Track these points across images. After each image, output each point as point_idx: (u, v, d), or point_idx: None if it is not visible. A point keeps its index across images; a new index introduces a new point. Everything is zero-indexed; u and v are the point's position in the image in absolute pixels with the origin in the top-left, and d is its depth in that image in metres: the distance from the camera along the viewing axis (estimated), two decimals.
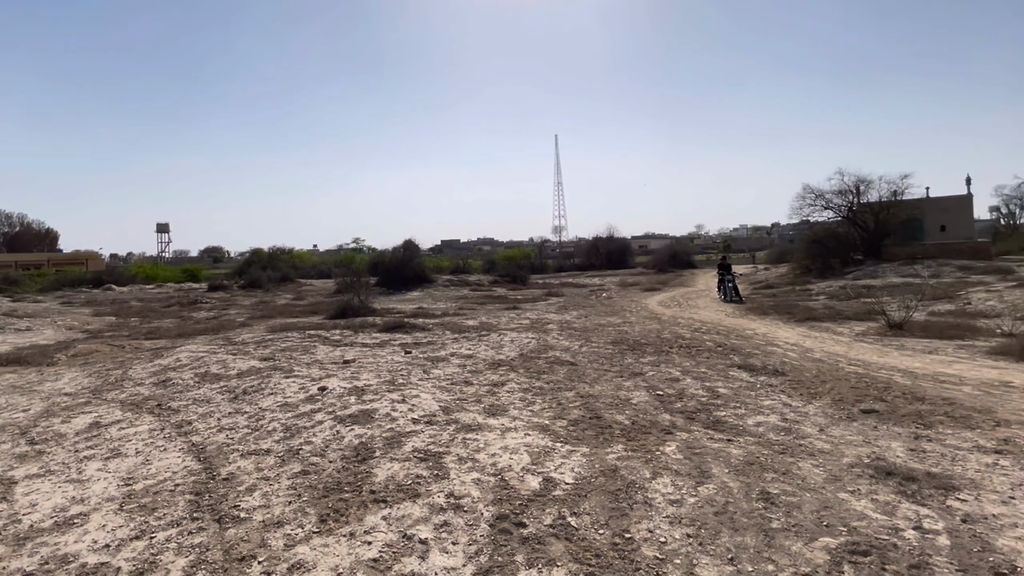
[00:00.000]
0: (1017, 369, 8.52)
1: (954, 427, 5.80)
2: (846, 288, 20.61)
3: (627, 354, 9.94)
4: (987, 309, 14.17)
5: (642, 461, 4.89)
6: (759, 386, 7.60)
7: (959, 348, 10.31)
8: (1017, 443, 5.27)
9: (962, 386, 7.53)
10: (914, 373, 8.31)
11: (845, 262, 28.27)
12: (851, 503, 4.03)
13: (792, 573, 3.17)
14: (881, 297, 16.71)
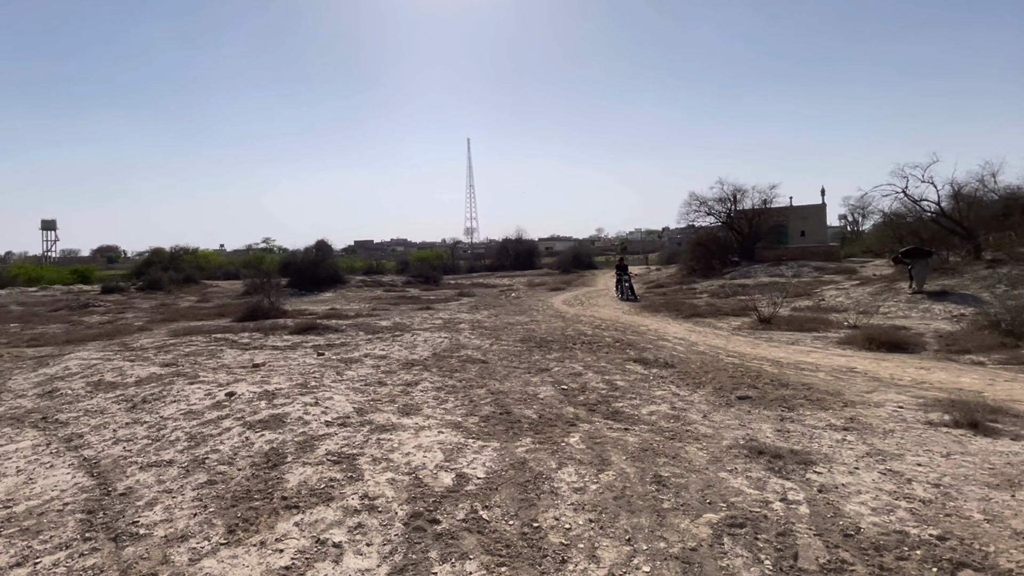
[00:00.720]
0: (860, 356, 9.33)
1: (812, 409, 6.26)
2: (725, 287, 21.62)
3: (534, 351, 10.04)
4: (837, 304, 15.28)
5: (549, 453, 4.96)
6: (652, 378, 7.89)
7: (816, 339, 11.12)
8: (860, 421, 5.79)
9: (818, 372, 8.14)
10: (780, 362, 8.89)
11: (724, 263, 29.54)
12: (730, 481, 4.28)
13: (680, 548, 3.33)
14: (753, 295, 17.75)
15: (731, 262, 29.92)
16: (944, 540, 3.37)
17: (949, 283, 14.75)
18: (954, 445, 4.99)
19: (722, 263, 29.48)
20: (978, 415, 5.52)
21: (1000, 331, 9.85)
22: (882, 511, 3.77)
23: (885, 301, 14.43)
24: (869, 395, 6.78)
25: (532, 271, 44.53)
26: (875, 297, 15.03)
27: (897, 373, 7.95)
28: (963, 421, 5.46)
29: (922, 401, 6.42)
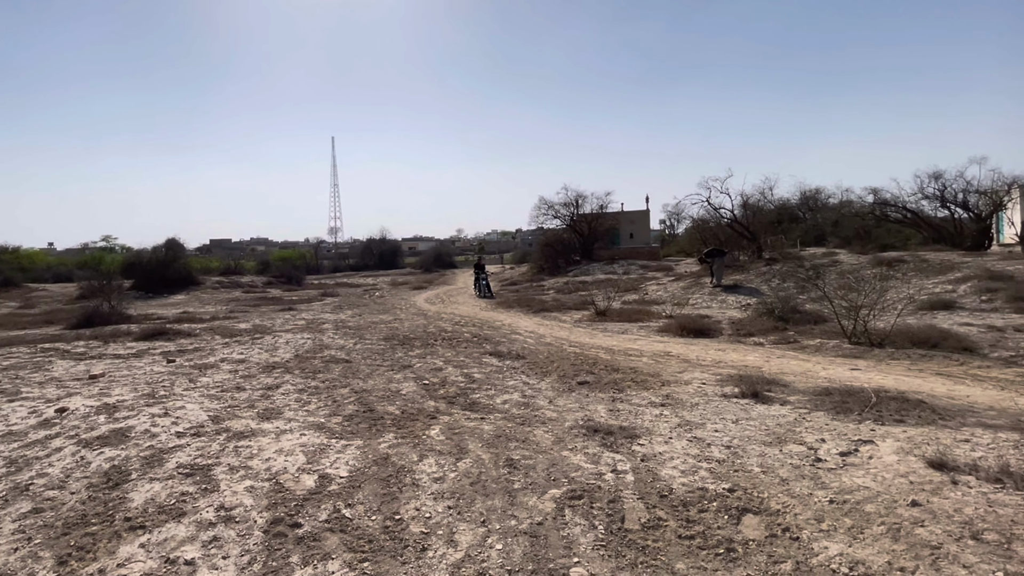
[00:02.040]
0: (674, 342, 10.11)
1: (637, 389, 6.68)
2: (568, 284, 22.52)
3: (397, 349, 9.83)
4: (657, 298, 16.38)
5: (411, 446, 4.88)
6: (506, 369, 8.05)
7: (641, 328, 11.86)
8: (674, 397, 6.27)
9: (642, 357, 8.73)
10: (612, 349, 9.45)
11: (568, 262, 30.55)
12: (571, 458, 4.49)
13: (529, 523, 3.47)
14: (591, 291, 18.61)
15: (574, 261, 31.01)
16: (733, 492, 3.81)
17: (739, 278, 16.33)
18: (741, 412, 5.58)
19: (566, 262, 30.49)
20: (758, 387, 6.23)
21: (774, 317, 11.13)
22: (689, 472, 4.17)
23: (693, 294, 15.75)
24: (681, 375, 7.40)
25: (396, 270, 43.25)
26: (686, 291, 16.34)
27: (702, 355, 8.75)
28: (747, 392, 6.12)
29: (719, 378, 7.11)
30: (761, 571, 2.93)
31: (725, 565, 3.01)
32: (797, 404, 5.76)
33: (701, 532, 3.34)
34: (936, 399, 5.71)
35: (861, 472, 3.96)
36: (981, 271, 13.10)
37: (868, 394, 5.72)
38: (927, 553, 2.94)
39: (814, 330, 10.09)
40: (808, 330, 10.14)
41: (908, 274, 14.00)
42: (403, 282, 29.67)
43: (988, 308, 11.04)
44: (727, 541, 3.23)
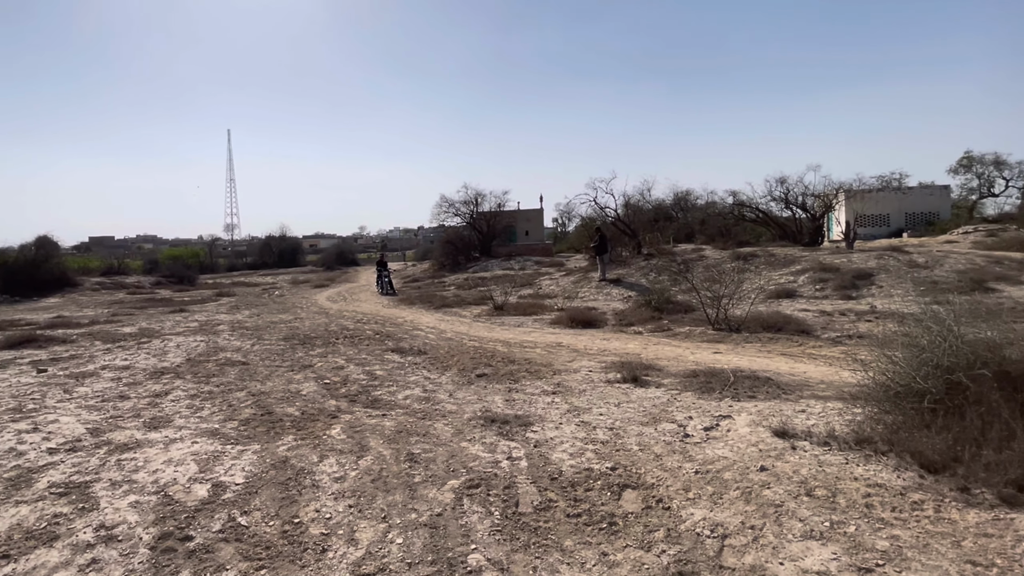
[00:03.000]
0: (565, 333, 10.36)
1: (531, 379, 6.77)
2: (468, 280, 22.52)
3: (298, 348, 9.34)
4: (550, 292, 16.69)
5: (311, 447, 4.67)
6: (407, 365, 7.92)
7: (535, 321, 12.04)
8: (564, 385, 6.41)
9: (536, 348, 8.90)
10: (509, 342, 9.57)
11: (468, 259, 30.39)
12: (469, 449, 4.51)
13: (429, 515, 3.45)
14: (490, 286, 18.72)
15: (474, 258, 30.89)
16: (615, 470, 4.00)
17: (622, 272, 17.02)
18: (622, 396, 5.83)
19: (467, 259, 30.31)
20: (637, 372, 6.54)
21: (651, 308, 11.71)
22: (576, 455, 4.32)
23: (582, 288, 16.26)
24: (570, 364, 7.64)
25: (297, 269, 40.42)
26: (576, 285, 16.82)
27: (589, 344, 9.08)
28: (628, 377, 6.40)
29: (604, 365, 7.39)
30: (638, 540, 3.11)
31: (607, 538, 3.16)
32: (670, 386, 6.11)
33: (587, 509, 3.48)
34: (780, 376, 6.27)
35: (721, 444, 4.28)
36: (815, 264, 14.48)
37: (727, 374, 6.18)
38: (772, 511, 3.24)
39: (684, 318, 10.74)
40: (680, 319, 10.77)
41: (760, 267, 15.24)
42: (304, 280, 28.20)
43: (820, 295, 12.26)
44: (609, 516, 3.39)
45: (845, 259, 14.75)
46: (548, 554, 3.02)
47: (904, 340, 4.13)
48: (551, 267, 23.35)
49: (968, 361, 3.65)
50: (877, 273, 13.21)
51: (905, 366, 3.92)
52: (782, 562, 2.79)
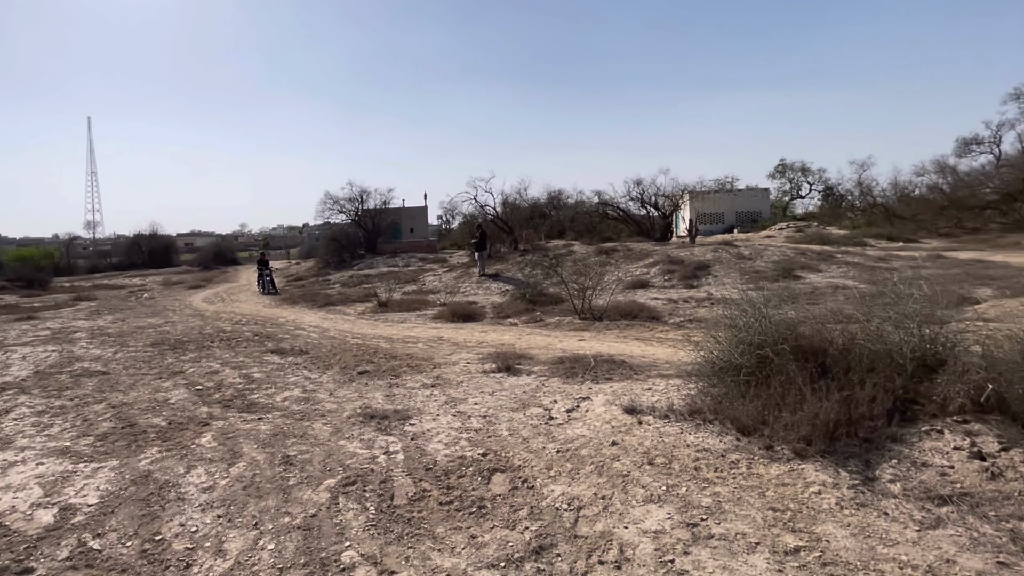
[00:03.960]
0: (446, 327, 10.34)
1: (412, 373, 6.69)
2: (353, 277, 21.76)
3: (167, 354, 8.50)
4: (433, 287, 16.56)
5: (177, 458, 4.28)
6: (288, 366, 7.53)
7: (419, 316, 11.89)
8: (443, 377, 6.41)
9: (418, 343, 8.83)
10: (392, 338, 9.40)
11: (354, 256, 29.39)
12: (347, 447, 4.38)
13: (303, 517, 3.32)
14: (375, 283, 18.26)
15: (359, 255, 29.92)
16: (486, 456, 4.08)
17: (500, 267, 17.29)
18: (496, 385, 5.94)
19: (352, 256, 29.32)
20: (510, 361, 6.70)
21: (525, 300, 12.04)
22: (451, 444, 4.36)
23: (463, 283, 16.30)
24: (450, 356, 7.66)
25: (170, 269, 36.35)
26: (457, 280, 16.82)
27: (468, 337, 9.15)
28: (502, 367, 6.53)
29: (481, 356, 7.48)
30: (504, 520, 3.20)
31: (477, 521, 3.22)
32: (539, 373, 6.33)
33: (458, 496, 3.53)
34: (633, 359, 6.71)
35: (580, 424, 4.51)
36: (665, 257, 15.62)
37: (589, 360, 6.51)
38: (620, 481, 3.47)
39: (555, 309, 11.13)
40: (551, 310, 11.15)
41: (619, 260, 16.15)
42: (178, 281, 25.52)
43: (668, 285, 13.28)
44: (479, 500, 3.46)
45: (688, 252, 16.04)
46: (420, 543, 3.03)
47: (726, 322, 4.58)
48: (435, 263, 23.18)
49: (773, 338, 4.13)
50: (713, 264, 14.53)
51: (726, 344, 4.35)
52: (627, 526, 3.01)
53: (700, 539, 2.84)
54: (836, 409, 3.56)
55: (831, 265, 14.29)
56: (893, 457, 3.34)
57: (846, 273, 13.40)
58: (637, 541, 2.87)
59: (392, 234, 36.56)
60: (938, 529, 2.79)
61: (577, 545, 2.90)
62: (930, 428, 3.49)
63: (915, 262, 14.74)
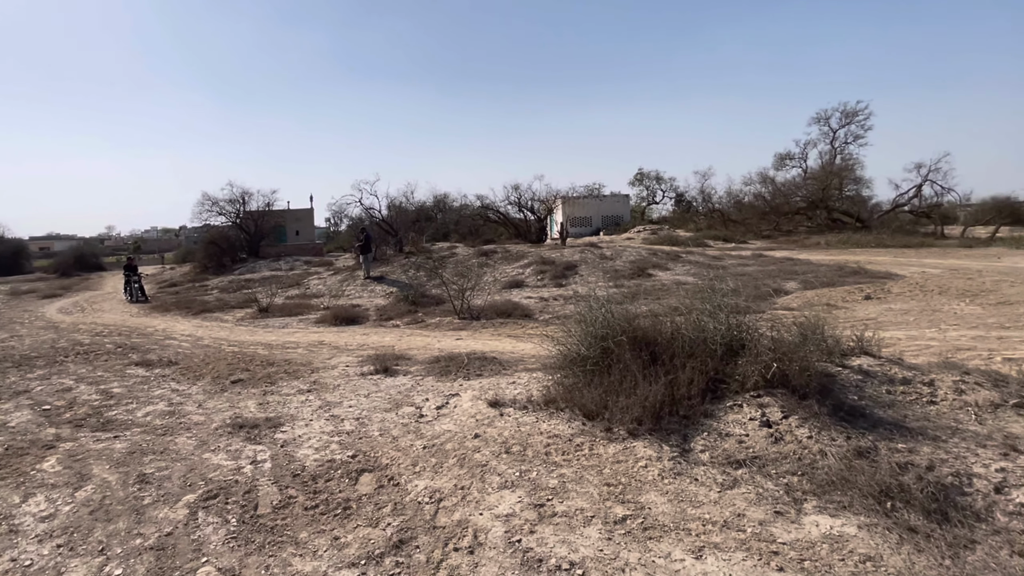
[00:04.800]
0: (328, 331, 9.96)
1: (288, 380, 6.35)
2: (233, 282, 20.17)
3: (10, 372, 7.37)
4: (318, 291, 15.86)
5: (12, 487, 3.76)
6: (153, 378, 6.84)
7: (301, 321, 11.33)
8: (320, 382, 6.16)
9: (298, 348, 8.41)
10: (271, 344, 8.86)
11: (235, 260, 27.26)
12: (212, 459, 4.08)
13: (157, 537, 3.07)
14: (256, 288, 17.06)
15: (240, 259, 27.77)
16: (355, 457, 4.00)
17: (385, 270, 16.91)
18: (372, 387, 5.82)
19: (233, 260, 27.11)
20: (388, 363, 6.60)
21: (408, 302, 11.92)
22: (322, 448, 4.22)
23: (348, 286, 15.73)
24: (329, 360, 7.38)
25: (19, 276, 31.23)
26: (342, 283, 16.18)
27: (350, 341, 8.87)
28: (380, 369, 6.42)
29: (361, 359, 7.29)
30: (368, 519, 3.18)
31: (341, 523, 3.17)
32: (415, 373, 6.30)
33: (324, 499, 3.44)
34: (504, 355, 6.91)
35: (448, 420, 4.58)
36: (538, 258, 16.19)
37: (463, 358, 6.60)
38: (479, 471, 3.58)
39: (436, 310, 11.11)
40: (432, 311, 11.12)
41: (498, 262, 16.49)
42: (30, 290, 21.87)
43: (541, 284, 13.80)
44: (345, 501, 3.39)
45: (559, 254, 16.75)
46: (282, 550, 2.92)
47: (578, 317, 4.87)
48: (320, 267, 22.13)
49: (615, 331, 4.46)
50: (580, 265, 15.31)
51: (577, 338, 4.63)
52: (482, 512, 3.11)
53: (545, 518, 3.01)
54: (662, 391, 3.93)
55: (678, 264, 15.65)
56: (705, 430, 3.76)
57: (689, 271, 14.75)
58: (490, 526, 2.98)
59: (276, 237, 34.33)
60: (734, 489, 3.19)
61: (435, 535, 2.95)
62: (733, 403, 3.96)
63: (742, 260, 16.59)
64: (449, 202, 33.61)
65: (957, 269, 13.62)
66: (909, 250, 19.77)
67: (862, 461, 3.26)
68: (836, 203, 28.09)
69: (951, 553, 2.55)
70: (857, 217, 27.35)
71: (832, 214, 27.72)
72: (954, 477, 3.13)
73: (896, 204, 28.23)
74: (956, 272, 12.97)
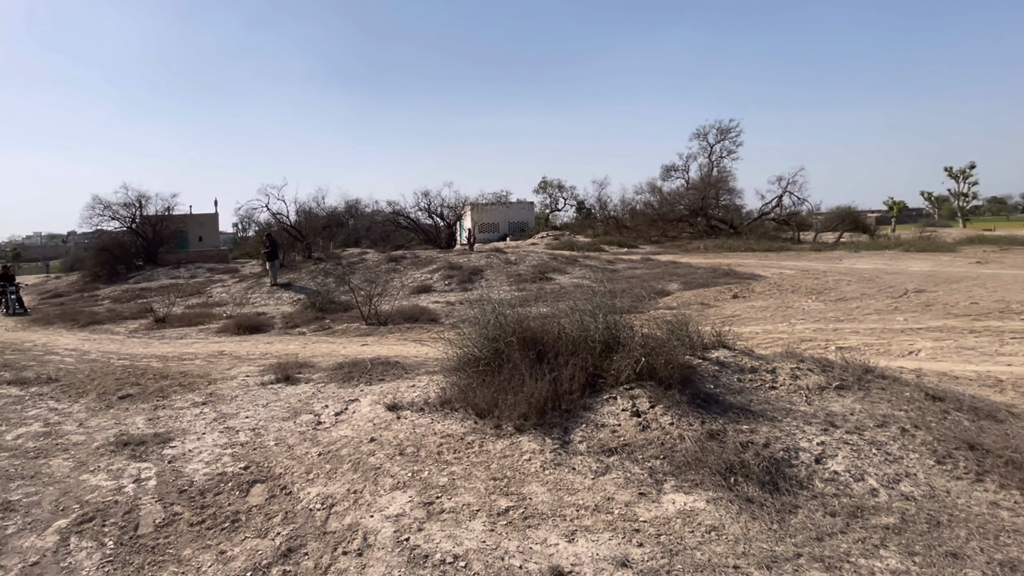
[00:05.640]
0: (230, 341, 9.40)
1: (183, 393, 5.92)
2: (128, 291, 18.35)
3: None
4: (221, 299, 14.87)
5: None
6: (28, 398, 6.11)
7: (201, 331, 10.56)
8: (217, 393, 5.80)
9: (196, 360, 7.84)
10: (167, 357, 8.19)
11: (130, 268, 24.83)
12: (89, 481, 3.74)
13: (20, 568, 2.77)
14: (152, 297, 15.64)
15: (137, 267, 25.36)
16: (248, 468, 3.82)
17: (293, 276, 16.16)
18: (272, 396, 5.56)
19: (128, 268, 24.71)
20: (290, 371, 6.32)
21: (316, 309, 11.48)
22: (213, 462, 3.99)
23: (253, 294, 14.85)
24: (229, 371, 6.95)
25: None
26: (248, 291, 15.26)
27: (252, 350, 8.40)
28: (281, 377, 6.13)
29: (262, 368, 6.92)
30: (257, 530, 3.06)
31: (228, 536, 3.02)
32: (318, 380, 6.09)
33: (212, 514, 3.26)
34: (408, 359, 6.87)
35: (346, 425, 4.49)
36: (447, 263, 16.20)
37: (367, 363, 6.47)
38: (372, 474, 3.56)
39: (344, 316, 10.78)
40: (339, 317, 10.77)
41: (407, 267, 16.30)
42: None
43: (448, 289, 13.83)
44: (234, 514, 3.24)
45: (467, 259, 16.86)
46: (163, 569, 2.75)
47: (472, 320, 4.96)
48: (225, 274, 20.68)
49: (506, 332, 4.59)
50: (485, 269, 15.51)
51: (472, 339, 4.72)
52: (372, 515, 3.10)
53: (433, 515, 3.06)
54: (547, 388, 4.10)
55: (575, 268, 16.29)
56: (584, 422, 3.97)
57: (585, 275, 15.41)
58: (380, 527, 2.98)
59: (177, 243, 31.63)
60: (606, 475, 3.40)
61: (325, 541, 2.91)
62: (608, 396, 4.22)
63: (632, 264, 17.58)
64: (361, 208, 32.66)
65: (808, 270, 15.29)
66: (772, 254, 21.91)
67: (713, 442, 3.54)
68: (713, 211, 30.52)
69: (779, 518, 2.84)
70: (731, 224, 29.90)
71: (710, 221, 30.09)
72: (784, 452, 3.48)
73: (762, 213, 31.17)
74: (807, 273, 14.57)
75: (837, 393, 4.24)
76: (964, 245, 20.49)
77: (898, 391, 4.20)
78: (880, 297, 10.20)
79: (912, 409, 3.91)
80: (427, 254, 18.07)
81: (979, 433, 3.55)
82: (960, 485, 3.05)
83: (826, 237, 27.30)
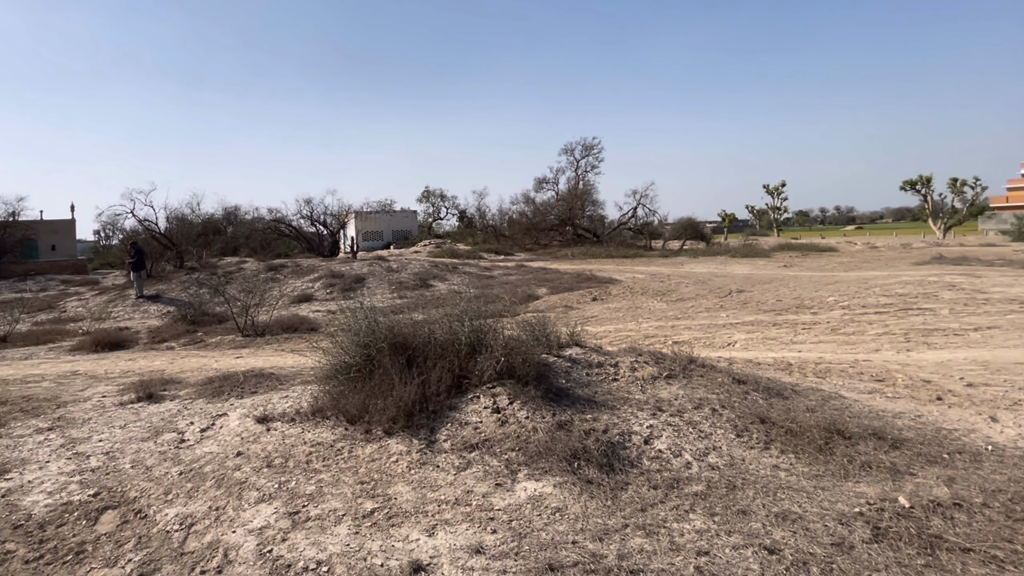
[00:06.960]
0: (86, 359, 8.20)
1: (25, 418, 5.09)
2: None
3: None
4: (77, 314, 12.85)
5: None
6: None
7: (50, 350, 9.07)
8: (67, 418, 5.08)
9: (43, 382, 6.74)
10: (6, 380, 6.90)
11: None
12: None
13: None
14: None
15: None
16: (98, 495, 3.40)
17: (162, 288, 14.42)
18: (132, 416, 5.00)
19: None
20: (154, 389, 5.70)
21: (187, 321, 10.40)
22: (56, 492, 3.52)
23: (116, 307, 13.00)
24: (82, 392, 6.08)
25: None
26: (109, 304, 13.31)
27: (111, 368, 7.40)
28: (143, 396, 5.50)
29: (122, 387, 6.16)
30: (105, 559, 2.79)
31: (72, 570, 2.72)
32: (185, 397, 5.57)
33: (52, 547, 2.90)
34: (284, 370, 6.52)
35: (211, 442, 4.20)
36: (329, 272, 15.50)
37: (239, 376, 6.05)
38: (236, 488, 3.39)
39: (218, 329, 9.88)
40: (213, 329, 9.86)
41: (288, 276, 15.34)
42: None
43: (330, 297, 13.28)
44: (79, 545, 2.92)
45: (350, 267, 16.26)
46: None
47: (344, 327, 4.86)
48: (83, 286, 17.81)
49: (378, 338, 4.56)
50: (368, 277, 15.09)
51: (344, 347, 4.63)
52: (235, 530, 2.96)
53: (299, 524, 2.99)
54: (415, 391, 4.15)
55: (455, 275, 16.45)
56: (449, 422, 4.09)
57: (463, 281, 15.63)
58: (242, 541, 2.86)
59: (26, 252, 26.48)
60: (467, 470, 3.52)
61: (182, 563, 2.73)
62: (473, 395, 4.38)
63: (507, 271, 18.17)
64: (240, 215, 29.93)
65: (656, 274, 16.91)
66: (628, 260, 23.90)
67: (561, 432, 3.74)
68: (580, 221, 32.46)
69: (612, 495, 3.07)
70: (595, 233, 32.04)
71: (577, 230, 31.99)
72: (620, 436, 3.74)
73: (620, 222, 33.78)
74: (655, 277, 16.10)
75: (666, 381, 4.61)
76: (776, 251, 23.97)
77: (713, 377, 4.67)
78: (711, 297, 11.53)
79: (722, 392, 4.37)
80: (309, 262, 17.09)
81: (769, 409, 4.09)
82: (752, 453, 3.52)
83: (672, 244, 30.31)
